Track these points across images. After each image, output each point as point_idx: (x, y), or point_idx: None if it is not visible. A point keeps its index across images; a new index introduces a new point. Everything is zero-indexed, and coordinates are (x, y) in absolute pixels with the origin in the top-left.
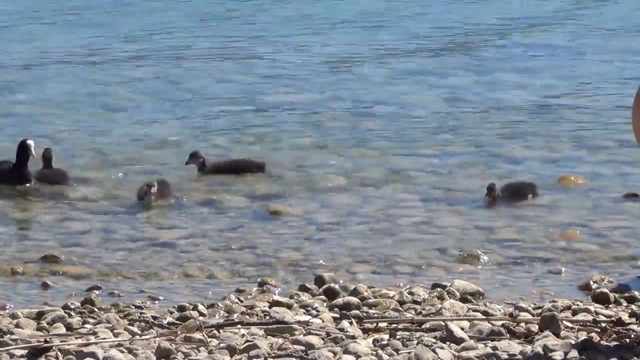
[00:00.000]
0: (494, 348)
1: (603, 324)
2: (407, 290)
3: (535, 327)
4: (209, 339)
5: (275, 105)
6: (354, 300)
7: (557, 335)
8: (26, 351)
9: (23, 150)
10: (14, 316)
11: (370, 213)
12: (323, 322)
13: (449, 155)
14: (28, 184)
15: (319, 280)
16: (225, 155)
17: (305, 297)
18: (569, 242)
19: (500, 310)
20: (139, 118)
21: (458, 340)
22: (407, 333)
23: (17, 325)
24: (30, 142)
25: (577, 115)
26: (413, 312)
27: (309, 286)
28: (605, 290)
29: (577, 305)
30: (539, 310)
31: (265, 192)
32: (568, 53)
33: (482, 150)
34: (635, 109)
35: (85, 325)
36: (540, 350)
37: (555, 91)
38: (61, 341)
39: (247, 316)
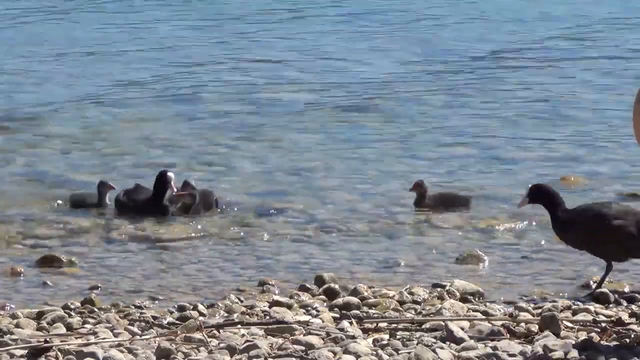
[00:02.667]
0: (494, 348)
1: (603, 324)
2: (407, 290)
3: (535, 327)
4: (209, 339)
5: (275, 105)
6: (354, 300)
7: (557, 335)
8: (26, 351)
9: (162, 181)
10: (14, 316)
11: (371, 213)
12: (323, 322)
13: (448, 155)
14: (166, 215)
15: (319, 280)
16: (223, 154)
17: (305, 297)
18: None
19: (500, 310)
20: (139, 117)
21: (458, 340)
22: (407, 333)
23: (17, 325)
24: (170, 174)
25: (577, 115)
26: (413, 312)
27: (309, 286)
28: (605, 290)
29: (577, 305)
30: (539, 310)
31: (265, 191)
32: (567, 52)
33: (482, 150)
34: (636, 113)
35: (85, 325)
36: (540, 350)
37: (555, 91)
38: (61, 341)
39: (247, 316)
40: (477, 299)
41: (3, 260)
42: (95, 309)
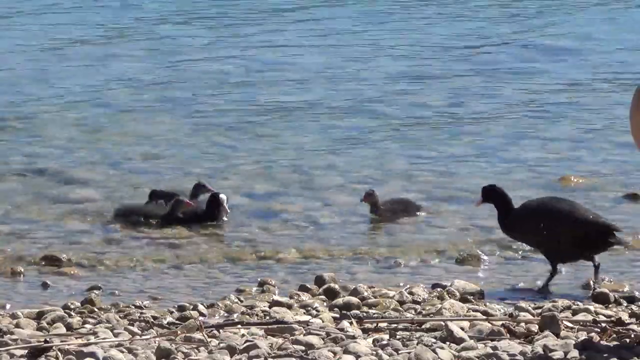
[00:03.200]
0: (494, 348)
1: (603, 324)
2: (407, 290)
3: (535, 327)
4: (209, 339)
5: (275, 104)
6: (354, 300)
7: (557, 335)
8: (26, 351)
9: (215, 202)
10: (14, 316)
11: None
12: (323, 322)
13: (449, 155)
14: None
15: (319, 280)
16: (224, 154)
17: (305, 297)
18: None
19: (500, 310)
20: (139, 117)
21: (458, 340)
22: (407, 333)
23: (17, 325)
24: (223, 196)
25: (577, 115)
26: (413, 312)
27: (309, 286)
28: (605, 290)
29: (577, 305)
30: (539, 310)
31: (266, 191)
32: (567, 53)
33: (482, 150)
34: (633, 115)
35: (85, 325)
36: (540, 350)
37: (554, 91)
38: (61, 341)
39: (247, 316)
40: (477, 299)
41: (3, 260)
42: (95, 309)
